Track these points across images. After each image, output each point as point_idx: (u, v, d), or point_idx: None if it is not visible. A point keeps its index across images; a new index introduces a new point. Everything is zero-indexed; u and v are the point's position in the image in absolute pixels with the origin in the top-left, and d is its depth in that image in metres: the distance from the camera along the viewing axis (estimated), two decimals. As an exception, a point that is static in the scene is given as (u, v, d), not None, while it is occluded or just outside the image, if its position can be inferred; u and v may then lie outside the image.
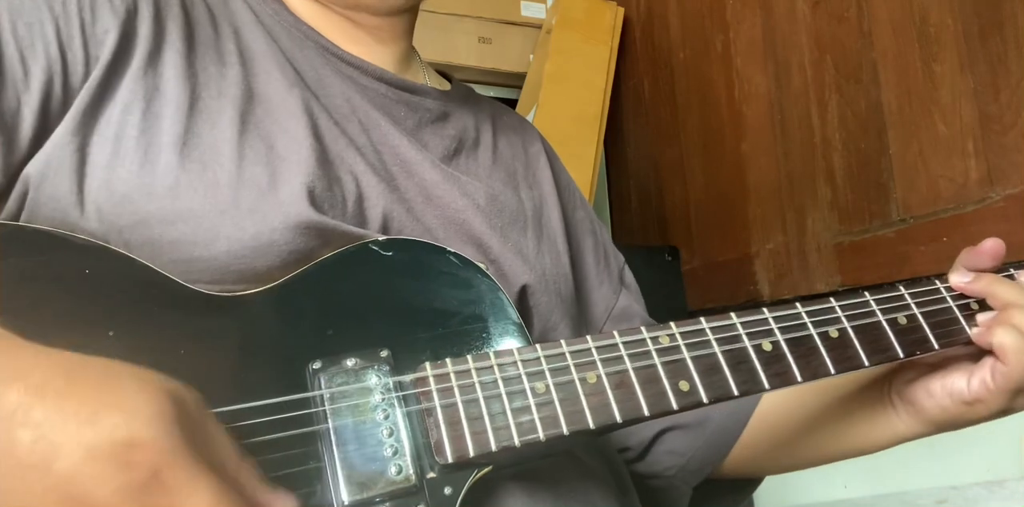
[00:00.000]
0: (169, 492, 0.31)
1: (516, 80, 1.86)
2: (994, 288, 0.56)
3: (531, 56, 1.85)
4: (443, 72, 0.79)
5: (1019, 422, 0.60)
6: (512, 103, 1.82)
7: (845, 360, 0.52)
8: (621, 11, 1.90)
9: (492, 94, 1.78)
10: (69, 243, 0.46)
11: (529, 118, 1.66)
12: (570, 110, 1.72)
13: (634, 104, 1.95)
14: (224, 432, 0.36)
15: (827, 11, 1.40)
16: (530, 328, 0.61)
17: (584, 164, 1.67)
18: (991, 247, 0.58)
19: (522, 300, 0.62)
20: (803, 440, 0.68)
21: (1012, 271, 0.59)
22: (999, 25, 1.11)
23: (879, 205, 1.28)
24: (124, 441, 0.31)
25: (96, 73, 0.51)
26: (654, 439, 0.72)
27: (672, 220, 1.79)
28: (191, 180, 0.50)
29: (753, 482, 0.78)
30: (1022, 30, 1.08)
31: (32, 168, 0.49)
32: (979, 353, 0.56)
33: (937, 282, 0.58)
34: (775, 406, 0.70)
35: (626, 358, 0.47)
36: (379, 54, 0.68)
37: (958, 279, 0.58)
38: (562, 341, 0.47)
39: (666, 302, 1.57)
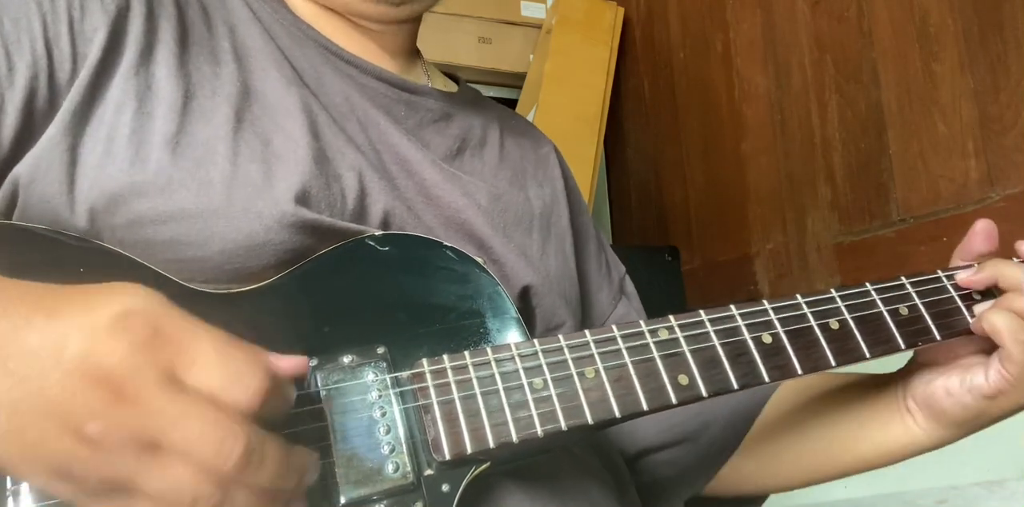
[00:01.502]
0: (172, 342, 0.34)
1: (516, 80, 1.86)
2: (1001, 269, 0.55)
3: (531, 56, 1.85)
4: (451, 74, 0.79)
5: (1019, 422, 0.60)
6: (512, 103, 1.82)
7: (846, 352, 0.51)
8: (621, 11, 1.90)
9: (492, 94, 1.78)
10: (63, 241, 0.46)
11: (529, 118, 1.66)
12: (570, 110, 1.72)
13: (634, 104, 1.95)
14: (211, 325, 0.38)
15: (827, 11, 1.40)
16: (532, 329, 0.61)
17: (584, 164, 1.67)
18: (983, 228, 0.57)
19: (524, 301, 0.61)
20: (810, 453, 0.65)
21: (1017, 260, 0.59)
22: (999, 25, 1.11)
23: (879, 205, 1.28)
24: (120, 313, 0.34)
25: (85, 72, 0.51)
26: (645, 451, 0.70)
27: (672, 220, 1.79)
28: (184, 179, 0.49)
29: (756, 502, 0.75)
30: (1022, 30, 1.08)
31: (22, 168, 0.48)
32: (990, 349, 0.55)
33: (939, 272, 0.57)
34: (779, 417, 0.68)
35: (624, 352, 0.47)
36: (380, 56, 0.68)
37: (964, 276, 0.57)
38: (560, 336, 0.47)
39: (666, 302, 1.57)
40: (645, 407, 0.46)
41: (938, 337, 0.54)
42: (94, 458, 0.32)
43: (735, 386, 0.48)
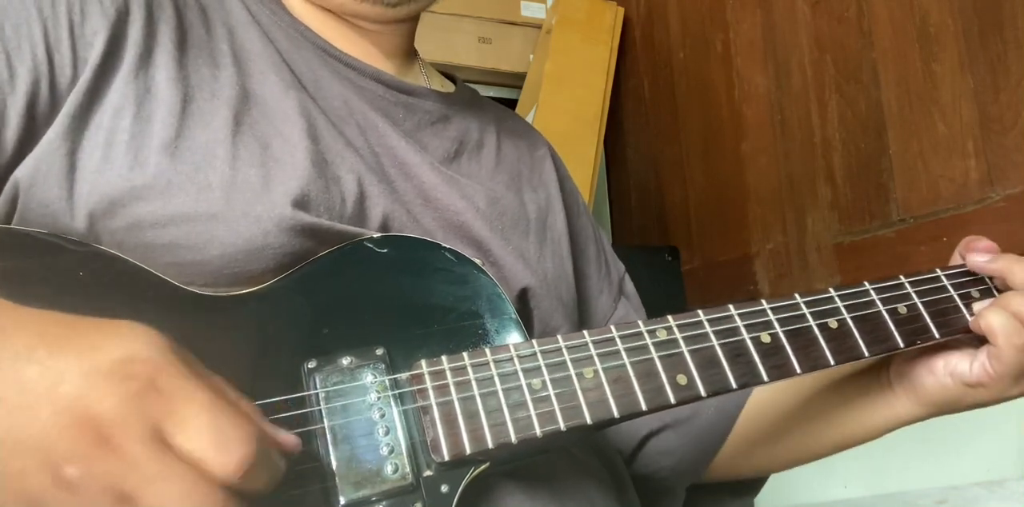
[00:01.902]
0: (166, 398, 0.33)
1: (516, 80, 1.85)
2: (1013, 267, 0.56)
3: (531, 56, 1.85)
4: (448, 74, 0.79)
5: (1019, 422, 0.60)
6: (512, 103, 1.82)
7: (844, 351, 0.52)
8: (621, 11, 1.90)
9: (492, 94, 1.78)
10: (62, 246, 0.46)
11: (529, 118, 1.66)
12: (570, 110, 1.72)
13: (634, 104, 1.95)
14: (218, 377, 0.38)
15: (827, 11, 1.40)
16: (530, 331, 0.61)
17: (584, 164, 1.67)
18: (987, 247, 0.58)
19: (522, 303, 0.61)
20: (799, 430, 0.67)
21: None
22: (999, 25, 1.11)
23: (879, 205, 1.28)
24: (121, 359, 0.34)
25: (85, 76, 0.51)
26: (643, 441, 0.71)
27: (672, 220, 1.79)
28: (183, 183, 0.49)
29: (755, 486, 0.77)
30: (1022, 30, 1.08)
31: (21, 173, 0.48)
32: (982, 338, 0.56)
33: (938, 271, 0.58)
34: (768, 397, 0.69)
35: (623, 352, 0.47)
36: (378, 57, 0.68)
37: (976, 259, 0.58)
38: (559, 336, 0.47)
39: (666, 302, 1.57)
40: (644, 407, 0.46)
41: (937, 336, 0.55)
42: (68, 501, 0.32)
43: (734, 386, 0.48)
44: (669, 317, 0.49)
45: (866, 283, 0.55)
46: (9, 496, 0.32)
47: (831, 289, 0.54)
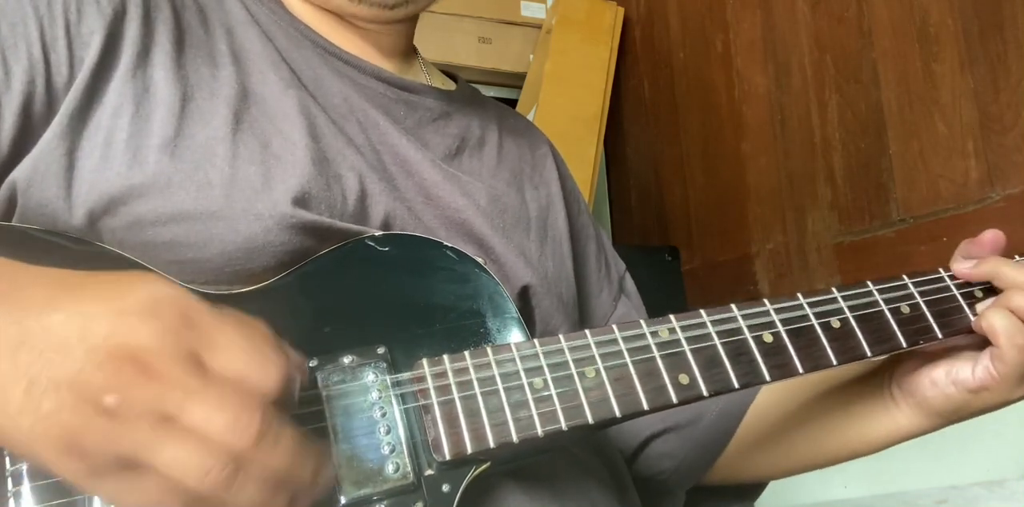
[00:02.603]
0: (199, 329, 0.34)
1: (516, 80, 1.85)
2: (999, 269, 0.55)
3: (531, 56, 1.85)
4: (449, 73, 0.79)
5: (1019, 422, 0.60)
6: (512, 103, 1.82)
7: (847, 351, 0.51)
8: (621, 11, 1.90)
9: (492, 94, 1.78)
10: (62, 244, 0.46)
11: (529, 118, 1.66)
12: (570, 110, 1.72)
13: (634, 104, 1.95)
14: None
15: (827, 11, 1.40)
16: (531, 329, 0.61)
17: (584, 164, 1.67)
18: (991, 238, 0.57)
19: (524, 301, 0.61)
20: (801, 439, 0.66)
21: (1019, 259, 0.59)
22: (999, 25, 1.11)
23: (879, 205, 1.28)
24: (148, 299, 0.34)
25: (82, 75, 0.50)
26: (645, 443, 0.71)
27: (672, 220, 1.79)
28: (183, 181, 0.49)
29: (755, 490, 0.77)
30: (1022, 30, 1.08)
31: (19, 173, 0.48)
32: (984, 342, 0.55)
33: (941, 271, 0.57)
34: (771, 404, 0.68)
35: (625, 352, 0.47)
36: (377, 56, 0.68)
37: (961, 266, 0.57)
38: (560, 336, 0.47)
39: (666, 302, 1.57)
40: (646, 407, 0.46)
41: (940, 335, 0.54)
42: (108, 429, 0.32)
43: (736, 385, 0.48)
44: (671, 316, 0.49)
45: (869, 282, 0.55)
46: (48, 439, 0.32)
47: (834, 288, 0.53)
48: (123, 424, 0.32)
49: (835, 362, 0.51)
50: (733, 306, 0.51)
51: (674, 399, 0.47)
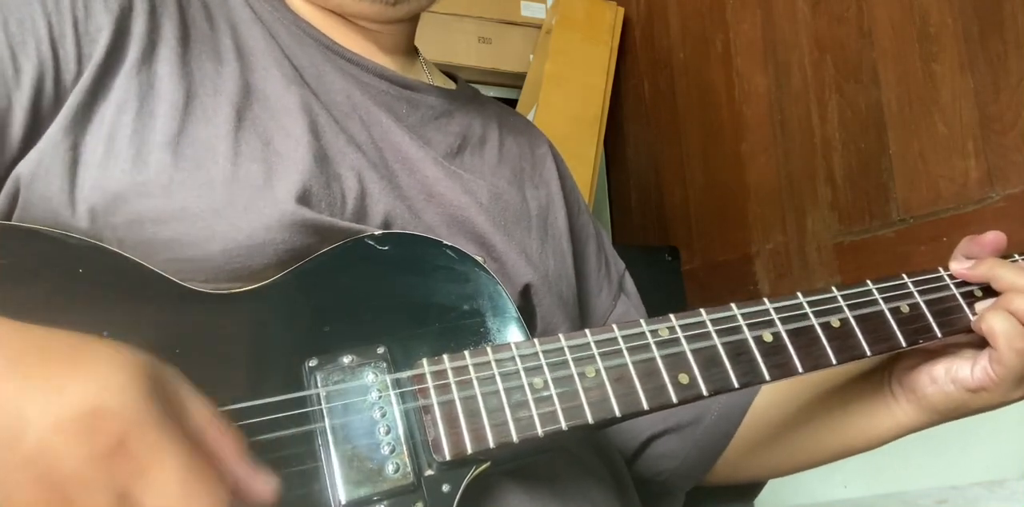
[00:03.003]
0: (135, 459, 0.31)
1: (516, 80, 1.85)
2: (996, 271, 0.55)
3: (531, 56, 1.85)
4: (449, 73, 0.79)
5: (1019, 422, 0.60)
6: (512, 103, 1.82)
7: (847, 350, 0.51)
8: (621, 11, 1.90)
9: (492, 94, 1.78)
10: (62, 242, 0.46)
11: (529, 118, 1.66)
12: (570, 110, 1.72)
13: (634, 104, 1.95)
14: (204, 405, 0.35)
15: (827, 11, 1.40)
16: (532, 328, 0.61)
17: (584, 164, 1.67)
18: (992, 239, 0.57)
19: (525, 299, 0.61)
20: (801, 437, 0.66)
21: (1017, 258, 0.59)
22: (999, 25, 1.11)
23: (879, 205, 1.28)
24: (90, 410, 0.31)
25: (89, 71, 0.51)
26: (645, 443, 0.71)
27: (672, 220, 1.79)
28: (185, 179, 0.49)
29: (754, 489, 0.77)
30: (1022, 30, 1.08)
31: (23, 168, 0.48)
32: (984, 340, 0.55)
33: (941, 270, 0.57)
34: (771, 403, 0.68)
35: (625, 352, 0.47)
36: (379, 55, 0.68)
37: (958, 266, 0.57)
38: (560, 335, 0.47)
39: (666, 302, 1.57)
40: (646, 406, 0.46)
41: (939, 335, 0.54)
42: None
43: (736, 385, 0.48)
44: (671, 316, 0.49)
45: (868, 282, 0.55)
46: None
47: (833, 288, 0.53)
48: None
49: (835, 361, 0.51)
50: (733, 305, 0.51)
51: (674, 399, 0.46)
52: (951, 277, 0.57)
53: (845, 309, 0.53)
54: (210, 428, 0.35)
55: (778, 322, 0.51)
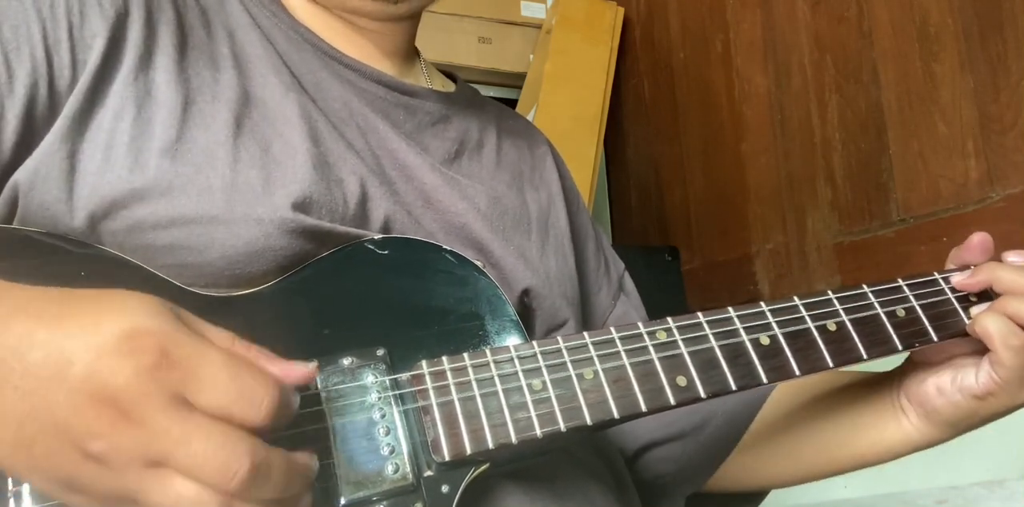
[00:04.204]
0: (181, 366, 0.33)
1: (516, 80, 1.86)
2: (996, 274, 0.55)
3: (531, 56, 1.85)
4: (449, 73, 0.79)
5: (1019, 422, 0.60)
6: (512, 103, 1.82)
7: (843, 353, 0.51)
8: (621, 11, 1.90)
9: (492, 94, 1.78)
10: (63, 246, 0.46)
11: (529, 118, 1.66)
12: (570, 110, 1.72)
13: (634, 104, 1.95)
14: (222, 329, 0.38)
15: (827, 11, 1.40)
16: (532, 330, 0.61)
17: (584, 164, 1.67)
18: (979, 242, 0.57)
19: (524, 303, 0.61)
20: (809, 449, 0.66)
21: (1012, 259, 0.59)
22: (999, 25, 1.11)
23: (879, 205, 1.28)
24: (127, 332, 0.33)
25: (84, 78, 0.50)
26: (646, 446, 0.70)
27: (672, 220, 1.79)
28: (184, 185, 0.49)
29: (757, 497, 0.76)
30: (1022, 30, 1.08)
31: (21, 175, 0.48)
32: (986, 348, 0.55)
33: (936, 274, 0.58)
34: (779, 414, 0.68)
35: (623, 354, 0.47)
36: (379, 57, 0.68)
37: (959, 279, 0.57)
38: (559, 337, 0.47)
39: (666, 302, 1.57)
40: (644, 408, 0.46)
41: (935, 338, 0.54)
42: (99, 474, 0.32)
43: (733, 387, 0.48)
44: (669, 319, 0.49)
45: (864, 285, 0.55)
46: (45, 476, 0.33)
47: (829, 291, 0.54)
48: (112, 470, 0.32)
49: (831, 364, 0.51)
50: (730, 309, 0.51)
51: (672, 401, 0.47)
52: (946, 280, 0.57)
53: (841, 312, 0.53)
54: (236, 342, 0.37)
55: (775, 325, 0.51)
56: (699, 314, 0.50)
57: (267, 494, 0.34)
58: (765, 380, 0.49)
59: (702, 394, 0.47)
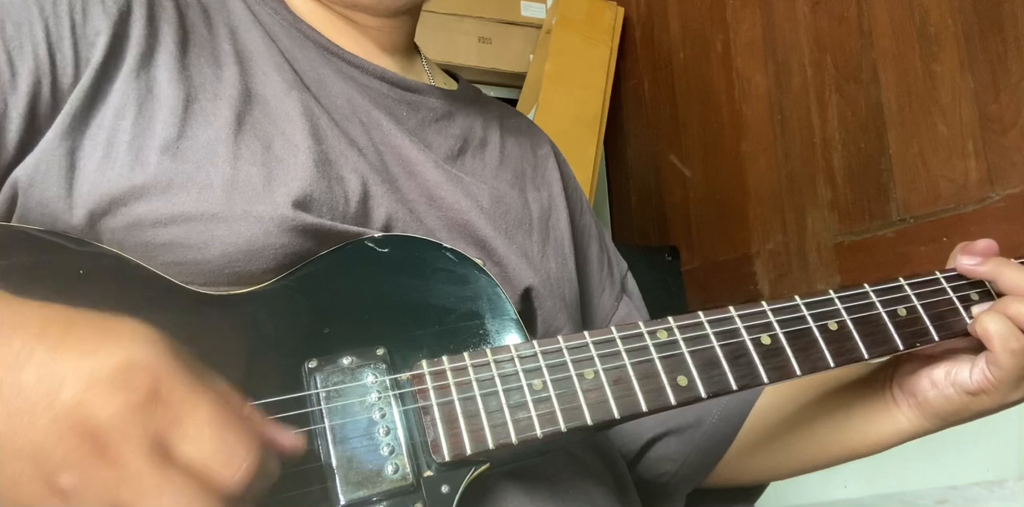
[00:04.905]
0: (170, 409, 0.32)
1: (516, 80, 1.85)
2: (1001, 270, 0.55)
3: (531, 56, 1.85)
4: (451, 72, 0.79)
5: (1019, 422, 0.60)
6: (512, 103, 1.82)
7: (844, 353, 0.51)
8: (621, 11, 1.90)
9: (492, 94, 1.78)
10: (62, 244, 0.46)
11: (529, 118, 1.66)
12: (570, 110, 1.72)
13: (634, 104, 1.95)
14: (222, 378, 0.37)
15: (827, 11, 1.40)
16: (533, 331, 0.61)
17: (584, 164, 1.67)
18: (984, 248, 0.57)
19: (526, 302, 0.61)
20: (802, 441, 0.66)
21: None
22: (999, 25, 1.11)
23: (879, 205, 1.28)
24: (122, 365, 0.32)
25: (87, 76, 0.50)
26: (646, 446, 0.71)
27: (672, 220, 1.79)
28: (184, 182, 0.49)
29: (755, 491, 0.77)
30: (1022, 30, 1.08)
31: (21, 172, 0.48)
32: (983, 345, 0.55)
33: (938, 274, 0.57)
34: (772, 407, 0.68)
35: (624, 354, 0.47)
36: (380, 54, 0.68)
37: (966, 262, 0.57)
38: (559, 337, 0.47)
39: (666, 302, 1.57)
40: (644, 408, 0.46)
41: (936, 338, 0.54)
42: None
43: (734, 387, 0.48)
44: (669, 318, 0.49)
45: (865, 285, 0.55)
46: (4, 502, 0.32)
47: (831, 291, 0.54)
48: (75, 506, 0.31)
49: (832, 364, 0.51)
50: (731, 308, 0.51)
51: (672, 400, 0.47)
52: (947, 280, 0.57)
53: (842, 312, 0.53)
54: (232, 394, 0.36)
55: (776, 325, 0.51)
56: (700, 314, 0.50)
57: None
58: (766, 380, 0.49)
59: (703, 394, 0.47)
